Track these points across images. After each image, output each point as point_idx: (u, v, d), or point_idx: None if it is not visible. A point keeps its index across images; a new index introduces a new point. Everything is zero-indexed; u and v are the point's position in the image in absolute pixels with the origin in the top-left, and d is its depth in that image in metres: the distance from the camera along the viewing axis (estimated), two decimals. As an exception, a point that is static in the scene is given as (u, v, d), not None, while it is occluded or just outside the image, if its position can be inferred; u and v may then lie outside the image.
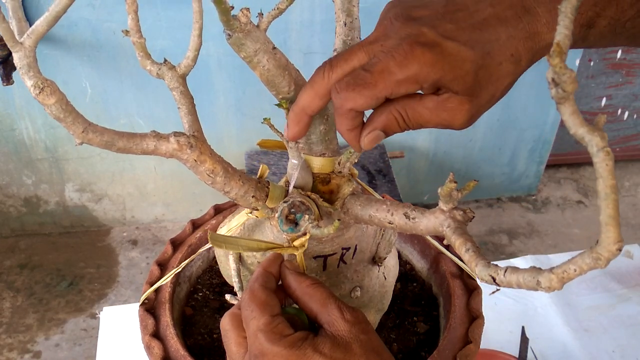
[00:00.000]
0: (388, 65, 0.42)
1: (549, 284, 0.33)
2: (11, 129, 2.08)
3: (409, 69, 0.42)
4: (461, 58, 0.42)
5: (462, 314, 0.64)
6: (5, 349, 1.93)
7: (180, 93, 0.50)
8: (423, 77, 0.42)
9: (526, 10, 0.43)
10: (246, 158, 2.10)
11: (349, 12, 0.50)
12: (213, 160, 0.49)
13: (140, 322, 0.63)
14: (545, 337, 1.01)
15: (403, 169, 2.38)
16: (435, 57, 0.41)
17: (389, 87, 0.42)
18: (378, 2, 1.99)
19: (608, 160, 0.29)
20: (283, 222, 0.50)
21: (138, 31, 0.48)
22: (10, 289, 2.13)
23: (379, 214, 0.49)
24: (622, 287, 1.11)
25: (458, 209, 0.43)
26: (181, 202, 2.38)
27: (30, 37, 0.41)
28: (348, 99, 0.43)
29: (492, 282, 0.37)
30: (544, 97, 2.29)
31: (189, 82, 0.52)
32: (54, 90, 0.42)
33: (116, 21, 1.86)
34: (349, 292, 0.57)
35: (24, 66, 0.41)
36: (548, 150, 2.49)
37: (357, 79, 0.43)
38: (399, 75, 0.42)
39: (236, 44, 0.45)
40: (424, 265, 0.75)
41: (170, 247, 0.71)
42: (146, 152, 0.47)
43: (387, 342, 0.66)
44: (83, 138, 0.44)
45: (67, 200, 2.30)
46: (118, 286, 2.16)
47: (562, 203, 2.60)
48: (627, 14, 0.45)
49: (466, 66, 0.42)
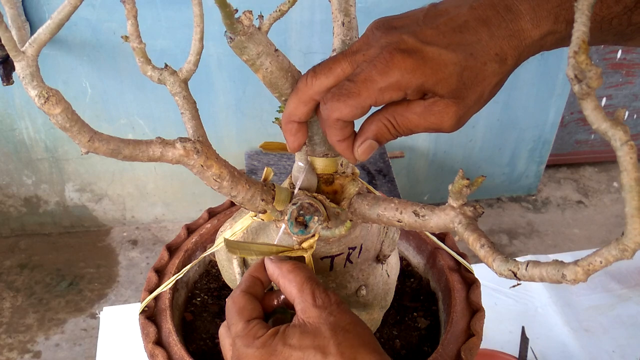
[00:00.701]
0: (370, 74, 0.43)
1: (575, 276, 0.33)
2: (11, 129, 2.08)
3: (391, 76, 0.42)
4: (443, 62, 0.42)
5: (463, 308, 0.65)
6: (5, 349, 1.93)
7: (183, 98, 0.50)
8: (405, 83, 0.42)
9: (508, 8, 0.43)
10: (246, 158, 2.10)
11: (346, 11, 0.50)
12: (219, 165, 0.49)
13: (141, 330, 0.62)
14: (545, 337, 1.01)
15: (403, 169, 2.38)
16: (415, 62, 0.42)
17: (372, 96, 0.43)
18: (378, 2, 2.00)
19: (632, 153, 0.29)
20: (293, 225, 0.50)
21: (138, 37, 0.47)
22: (10, 289, 2.14)
23: (388, 212, 0.49)
24: (622, 287, 1.11)
25: (468, 205, 0.43)
26: (181, 202, 2.38)
27: (32, 45, 0.40)
28: (334, 109, 0.44)
29: (512, 277, 0.37)
30: (544, 97, 2.29)
31: (189, 82, 0.51)
32: (59, 99, 0.41)
33: (116, 21, 1.86)
34: (355, 291, 0.57)
35: (26, 76, 0.40)
36: (548, 150, 2.49)
37: (342, 89, 0.44)
38: (381, 83, 0.42)
39: (238, 47, 0.45)
40: (421, 261, 0.76)
41: (167, 253, 0.70)
42: (152, 159, 0.46)
43: (389, 338, 0.67)
44: (89, 147, 0.43)
45: (67, 200, 2.30)
46: (118, 286, 2.16)
47: (562, 203, 2.60)
48: (613, 11, 0.45)
49: (449, 69, 0.42)
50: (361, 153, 0.47)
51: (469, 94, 0.44)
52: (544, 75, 2.22)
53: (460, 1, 0.45)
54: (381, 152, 2.10)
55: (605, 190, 2.67)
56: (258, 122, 2.16)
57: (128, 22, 0.46)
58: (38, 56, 0.41)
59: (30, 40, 0.40)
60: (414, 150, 2.34)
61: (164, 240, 2.34)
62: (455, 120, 0.44)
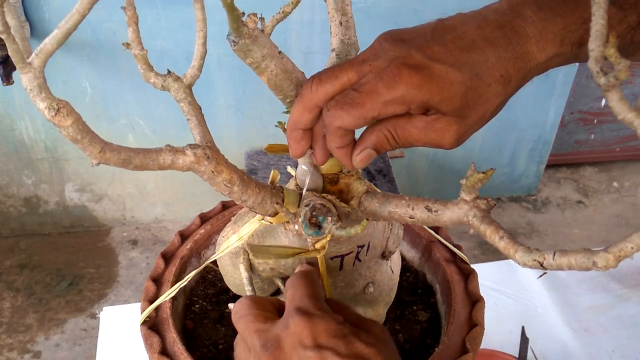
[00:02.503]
0: (376, 87, 0.43)
1: (606, 263, 0.34)
2: (11, 129, 2.08)
3: (396, 90, 0.42)
4: (449, 80, 0.42)
5: (463, 299, 0.65)
6: (5, 349, 1.93)
7: (188, 104, 0.49)
8: (410, 98, 0.42)
9: (515, 30, 0.43)
10: (246, 158, 2.10)
11: (343, 11, 0.49)
12: (229, 170, 0.48)
13: (144, 341, 0.61)
14: (545, 337, 1.01)
15: (403, 169, 2.38)
16: (422, 79, 0.42)
17: (376, 108, 0.43)
18: (378, 2, 2.00)
19: None
20: (308, 226, 0.50)
21: (139, 43, 0.46)
22: (10, 289, 2.14)
23: (399, 209, 0.49)
24: (622, 287, 1.11)
25: (481, 198, 0.44)
26: (181, 202, 2.38)
27: (38, 56, 0.39)
28: (336, 117, 0.44)
29: (538, 267, 0.37)
30: (544, 97, 2.29)
31: (189, 82, 0.51)
32: (70, 110, 0.39)
33: (116, 21, 1.86)
34: (362, 289, 0.58)
35: (34, 88, 0.39)
36: (548, 150, 2.49)
37: (347, 98, 0.44)
38: (386, 97, 0.42)
39: (243, 50, 0.45)
40: (415, 255, 0.76)
41: (162, 261, 0.69)
42: (163, 167, 0.45)
43: (392, 333, 0.67)
44: (100, 158, 0.42)
45: (67, 200, 2.30)
46: (118, 286, 2.16)
47: (562, 203, 2.60)
48: (617, 30, 0.45)
49: (454, 88, 0.42)
50: (359, 161, 0.47)
51: (471, 114, 0.44)
52: (544, 75, 2.21)
53: (467, 18, 0.45)
54: (381, 152, 2.10)
55: (605, 190, 2.67)
56: (258, 122, 2.16)
57: (129, 29, 0.45)
58: (44, 67, 0.39)
59: (36, 51, 0.39)
60: (414, 150, 2.34)
61: (164, 240, 2.34)
62: (456, 138, 0.45)
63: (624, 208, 2.57)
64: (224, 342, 0.67)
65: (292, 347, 0.43)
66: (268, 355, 0.43)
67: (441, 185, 2.49)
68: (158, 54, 1.87)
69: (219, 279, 0.76)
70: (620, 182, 2.70)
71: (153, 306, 0.64)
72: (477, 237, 2.75)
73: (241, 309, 0.47)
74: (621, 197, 2.63)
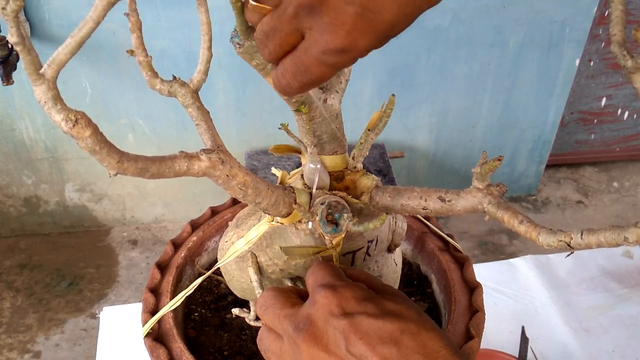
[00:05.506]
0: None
1: (637, 237, 0.34)
2: (11, 129, 2.08)
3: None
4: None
5: (461, 287, 0.66)
6: (5, 349, 1.93)
7: (197, 109, 0.48)
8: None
9: None
10: (246, 158, 2.10)
11: None
12: (243, 173, 0.47)
13: (150, 353, 0.61)
14: (545, 337, 1.01)
15: (403, 169, 2.38)
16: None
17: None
18: (378, 2, 1.99)
19: None
20: (325, 224, 0.50)
21: (144, 50, 0.45)
22: (10, 289, 2.14)
23: (412, 201, 0.49)
24: (622, 287, 1.11)
25: (493, 185, 0.44)
26: (181, 202, 2.38)
27: (51, 67, 0.37)
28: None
29: (565, 248, 0.37)
30: (544, 97, 2.29)
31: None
32: (88, 122, 0.38)
33: (116, 21, 1.86)
34: None
35: (48, 100, 0.37)
36: (548, 150, 2.49)
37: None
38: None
39: (249, 52, 0.44)
40: (407, 247, 0.76)
41: (158, 272, 0.69)
42: (178, 174, 0.44)
43: None
44: (119, 168, 0.40)
45: (67, 200, 2.31)
46: (118, 286, 2.16)
47: (562, 203, 2.60)
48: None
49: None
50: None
51: None
52: (544, 75, 2.22)
53: None
54: (381, 152, 2.10)
55: (605, 190, 2.67)
56: (258, 122, 2.16)
57: (133, 35, 0.44)
58: (57, 77, 0.38)
59: (48, 62, 0.38)
60: (414, 150, 2.34)
61: (164, 240, 2.34)
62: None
63: (624, 208, 2.57)
64: (228, 348, 0.67)
65: (325, 319, 0.43)
66: (303, 334, 0.42)
67: (441, 185, 2.48)
68: (158, 54, 1.86)
69: (215, 285, 0.76)
70: (621, 182, 2.70)
71: (156, 317, 0.63)
72: (477, 237, 2.73)
73: (267, 300, 0.47)
74: (621, 197, 2.63)
